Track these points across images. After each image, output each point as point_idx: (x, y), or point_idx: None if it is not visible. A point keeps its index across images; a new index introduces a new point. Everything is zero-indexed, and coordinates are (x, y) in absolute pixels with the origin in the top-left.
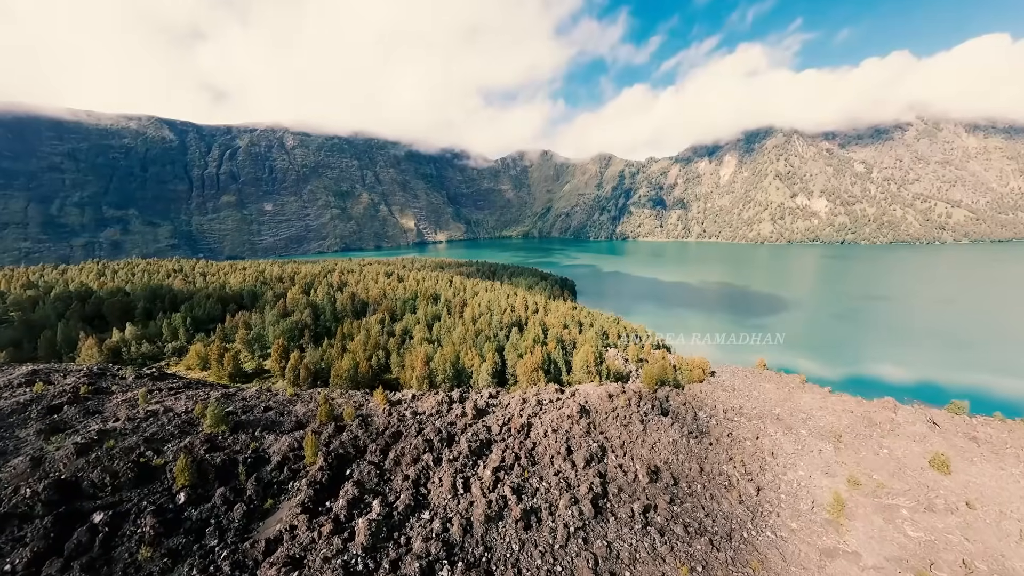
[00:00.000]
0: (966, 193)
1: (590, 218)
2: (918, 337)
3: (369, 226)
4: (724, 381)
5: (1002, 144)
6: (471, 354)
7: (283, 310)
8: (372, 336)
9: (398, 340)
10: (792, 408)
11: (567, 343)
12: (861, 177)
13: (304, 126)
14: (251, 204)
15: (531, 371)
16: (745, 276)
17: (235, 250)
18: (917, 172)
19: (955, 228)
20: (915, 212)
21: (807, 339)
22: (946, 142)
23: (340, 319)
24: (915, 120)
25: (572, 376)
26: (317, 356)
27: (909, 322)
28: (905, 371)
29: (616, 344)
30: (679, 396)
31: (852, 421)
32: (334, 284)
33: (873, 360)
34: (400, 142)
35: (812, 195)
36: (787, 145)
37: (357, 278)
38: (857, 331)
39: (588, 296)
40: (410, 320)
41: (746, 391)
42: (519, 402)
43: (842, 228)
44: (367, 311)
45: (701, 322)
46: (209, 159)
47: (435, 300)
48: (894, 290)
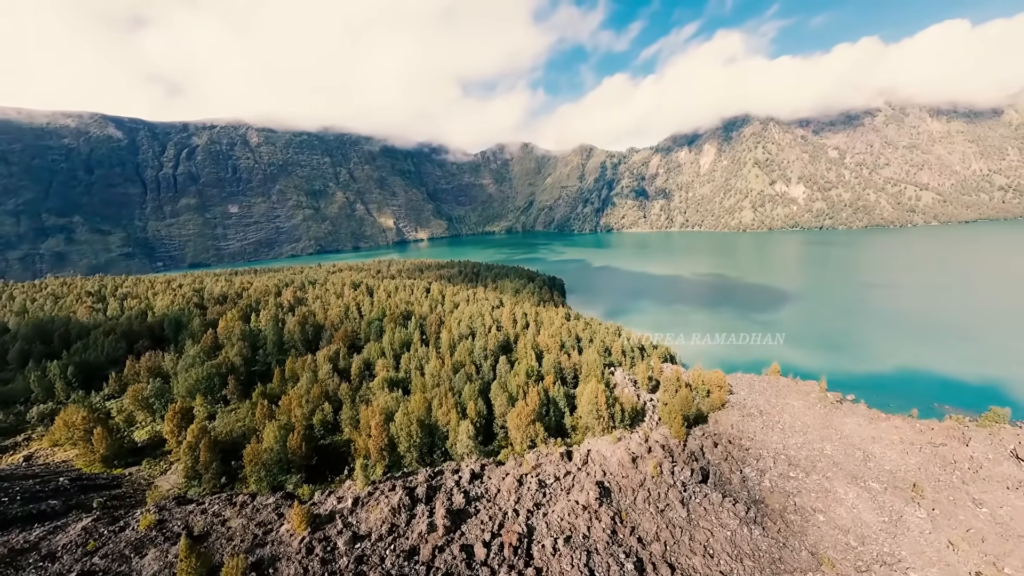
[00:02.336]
0: (933, 176)
1: (574, 211)
2: (921, 328)
3: (345, 226)
4: (746, 400)
5: (964, 128)
6: (447, 404)
7: (210, 344)
8: (320, 379)
9: (355, 382)
10: (842, 442)
11: (567, 370)
12: (835, 163)
13: (269, 121)
14: (214, 206)
15: (526, 424)
16: (735, 266)
17: (198, 257)
18: (887, 157)
19: (924, 211)
20: (887, 196)
21: (811, 335)
22: (912, 127)
23: (286, 351)
24: (883, 106)
25: (577, 418)
26: (232, 422)
27: (906, 310)
28: (919, 367)
29: (621, 362)
30: (711, 439)
31: (922, 460)
32: (285, 304)
33: (884, 357)
34: (374, 137)
35: (790, 182)
36: (764, 132)
37: (318, 292)
38: (859, 324)
39: (579, 295)
40: (373, 350)
41: (775, 414)
42: (513, 486)
43: (820, 214)
44: (322, 339)
45: (702, 320)
46: (164, 159)
47: (406, 320)
48: (883, 276)
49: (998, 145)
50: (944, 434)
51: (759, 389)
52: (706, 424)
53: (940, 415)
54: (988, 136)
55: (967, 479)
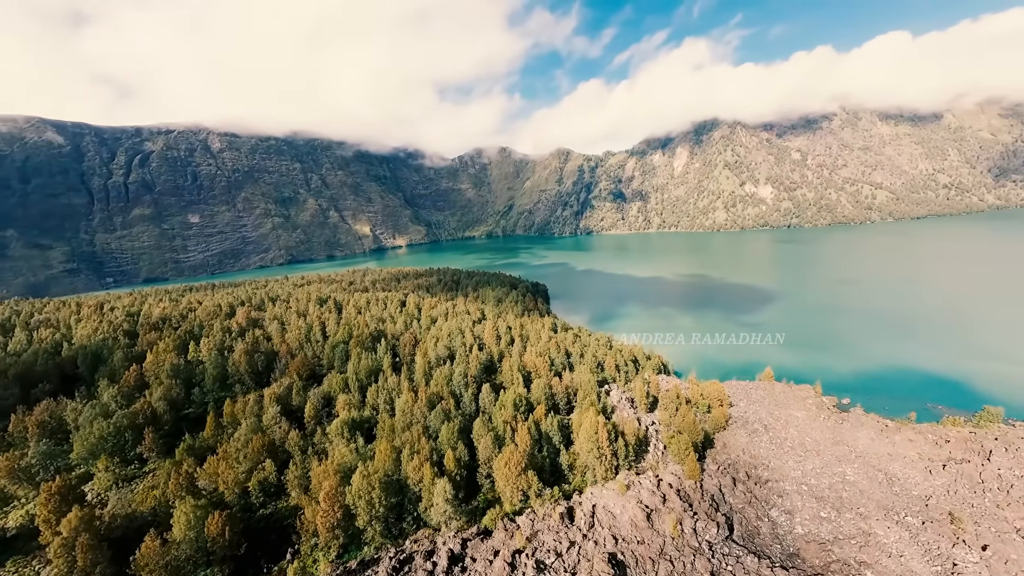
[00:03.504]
0: (885, 176)
1: (553, 214)
2: (901, 323)
3: (319, 234)
4: (747, 413)
5: (910, 131)
6: (420, 455)
7: (133, 384)
8: (265, 425)
9: (309, 426)
10: (860, 463)
11: (559, 396)
12: (799, 164)
13: (232, 126)
14: (172, 216)
15: (517, 475)
16: (714, 266)
17: (155, 271)
18: (844, 158)
19: (880, 208)
20: (846, 195)
21: (797, 335)
22: (865, 130)
23: (231, 388)
24: (838, 110)
25: (574, 455)
26: (134, 499)
27: (883, 306)
28: (904, 364)
29: (615, 377)
30: (728, 473)
31: (948, 481)
32: (235, 327)
33: (869, 354)
34: (347, 142)
35: (758, 183)
36: (732, 136)
37: (278, 311)
38: (841, 321)
39: (563, 301)
40: (335, 383)
41: (780, 429)
42: (504, 572)
43: (787, 213)
44: (275, 369)
45: (689, 322)
46: (114, 166)
47: (376, 342)
48: (855, 272)
49: (940, 147)
50: (961, 447)
51: (756, 398)
52: (713, 448)
53: (936, 416)
54: (931, 138)
55: (1001, 502)
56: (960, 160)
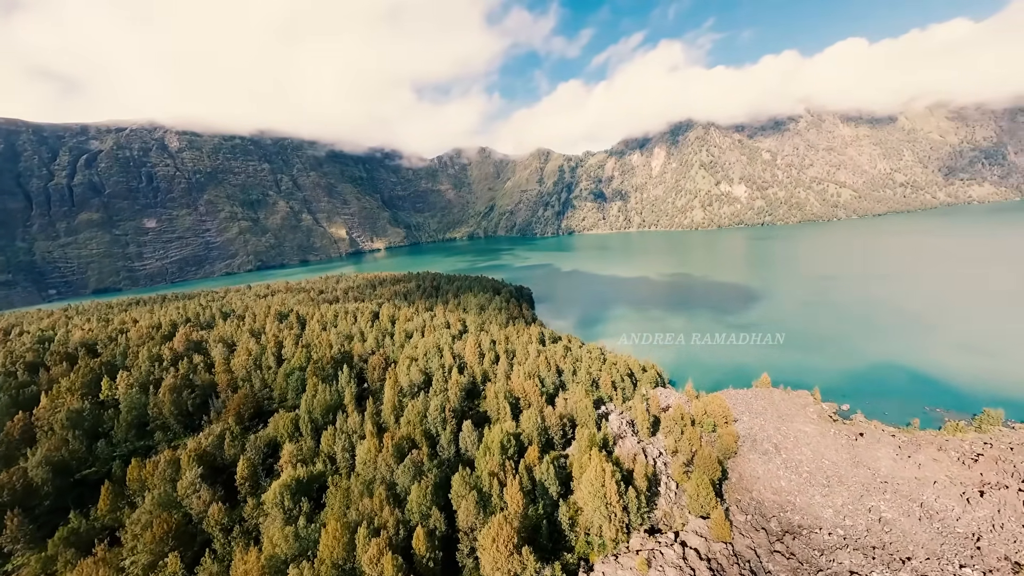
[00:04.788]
0: (848, 175)
1: (535, 214)
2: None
3: (291, 238)
4: (753, 429)
5: (869, 132)
6: (381, 541)
7: (18, 438)
8: (180, 494)
9: (242, 489)
10: (892, 493)
11: (553, 430)
12: (769, 164)
13: (191, 124)
14: (125, 221)
15: (507, 555)
16: (697, 265)
17: (105, 281)
18: (811, 158)
19: (845, 206)
20: (814, 194)
21: (786, 334)
22: (828, 131)
23: (150, 436)
24: (804, 112)
25: (575, 509)
26: None
27: (866, 301)
28: (894, 362)
29: (612, 396)
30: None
31: (990, 512)
32: (167, 355)
33: (857, 353)
34: (320, 142)
35: (733, 182)
36: (706, 136)
37: (226, 330)
38: (827, 319)
39: (549, 305)
40: (283, 425)
41: (793, 449)
42: None
43: (761, 211)
44: (211, 408)
45: (680, 324)
46: (55, 167)
47: (339, 367)
48: (832, 268)
49: (896, 147)
50: (992, 467)
51: (758, 409)
52: (729, 481)
53: (937, 421)
54: (888, 140)
55: None
56: (914, 160)
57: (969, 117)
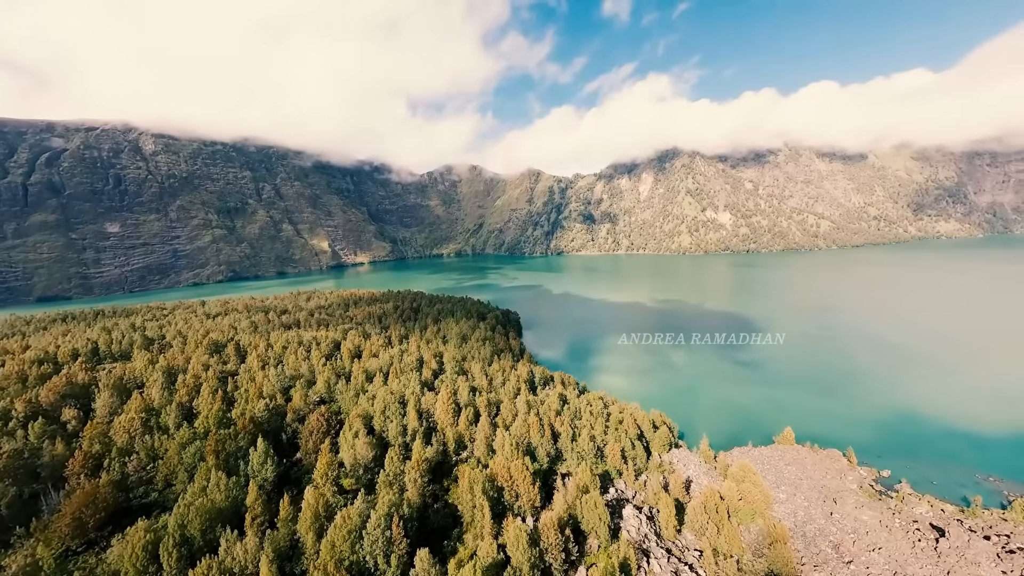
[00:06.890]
0: (826, 207)
1: (524, 234)
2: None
3: (268, 249)
4: (799, 516)
5: (842, 168)
6: None
7: None
8: None
9: None
10: None
11: (551, 551)
12: (752, 194)
13: (170, 128)
14: (84, 225)
15: None
16: (690, 291)
17: (54, 288)
18: (790, 190)
19: (825, 236)
20: (795, 223)
21: (796, 373)
22: (806, 165)
23: None
24: (782, 146)
25: None
26: None
27: (880, 338)
28: (928, 414)
29: (622, 471)
30: None
31: None
32: (18, 412)
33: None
34: (306, 151)
35: (718, 209)
36: (692, 164)
37: (136, 366)
38: (842, 356)
39: (537, 332)
40: (136, 547)
41: (858, 552)
42: None
43: (746, 238)
44: (42, 510)
45: (681, 357)
46: (11, 164)
47: (255, 436)
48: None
49: (868, 183)
50: None
51: (791, 479)
52: None
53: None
54: (859, 175)
55: None
56: (885, 196)
57: (932, 158)
